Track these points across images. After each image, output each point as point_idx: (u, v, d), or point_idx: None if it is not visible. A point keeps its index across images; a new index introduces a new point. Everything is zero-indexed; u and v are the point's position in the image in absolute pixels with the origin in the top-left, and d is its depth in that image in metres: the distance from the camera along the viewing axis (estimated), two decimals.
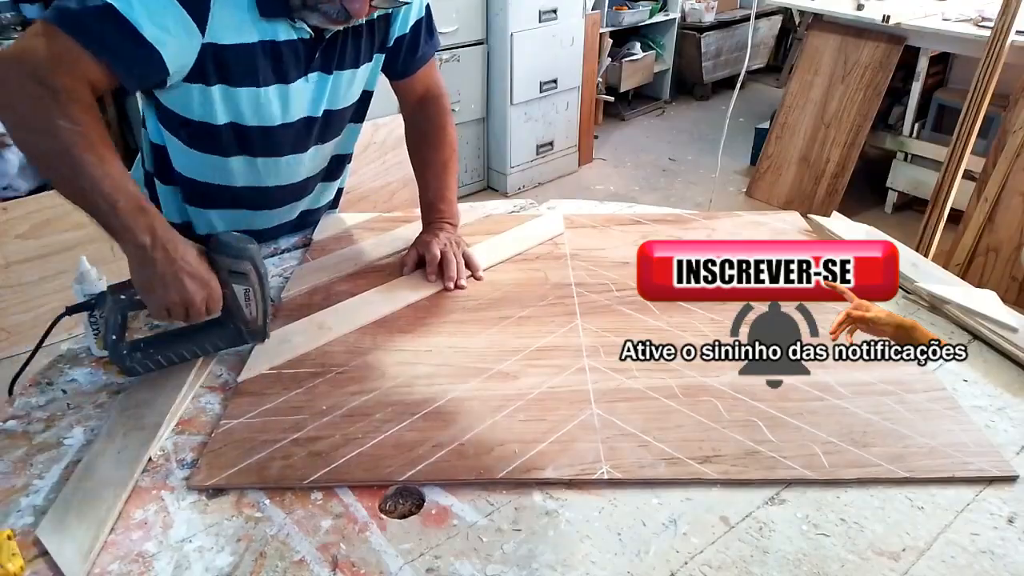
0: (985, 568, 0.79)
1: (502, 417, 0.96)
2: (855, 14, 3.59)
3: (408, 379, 1.04)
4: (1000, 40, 2.52)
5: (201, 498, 0.85)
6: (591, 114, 4.29)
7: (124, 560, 0.78)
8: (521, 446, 0.91)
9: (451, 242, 1.30)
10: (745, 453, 0.91)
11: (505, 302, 1.22)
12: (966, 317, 1.19)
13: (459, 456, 0.90)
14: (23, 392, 1.02)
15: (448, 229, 1.33)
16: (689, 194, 4.10)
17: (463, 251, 1.30)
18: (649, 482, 0.88)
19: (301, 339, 1.11)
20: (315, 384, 1.02)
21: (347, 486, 0.87)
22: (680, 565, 0.79)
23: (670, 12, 5.05)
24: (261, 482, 0.86)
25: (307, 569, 0.77)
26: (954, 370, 1.10)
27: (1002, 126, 3.07)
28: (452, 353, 1.09)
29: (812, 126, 3.78)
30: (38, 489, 0.86)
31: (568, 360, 1.08)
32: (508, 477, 0.87)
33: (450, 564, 0.78)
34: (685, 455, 0.91)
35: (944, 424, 0.97)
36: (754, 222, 1.52)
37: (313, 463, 0.88)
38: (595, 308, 1.21)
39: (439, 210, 1.34)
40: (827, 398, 1.01)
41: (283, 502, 0.85)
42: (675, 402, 1.00)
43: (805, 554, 0.80)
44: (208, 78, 1.11)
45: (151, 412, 0.97)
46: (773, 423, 0.96)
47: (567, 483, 0.87)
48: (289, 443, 0.91)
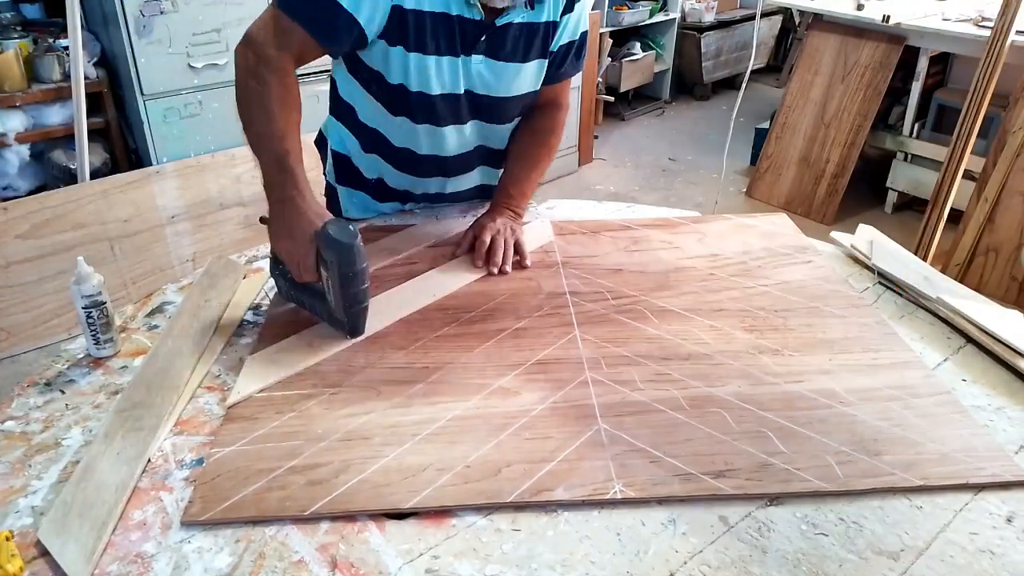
0: (984, 568, 0.79)
1: (507, 436, 0.94)
2: (855, 14, 3.59)
3: (405, 398, 1.00)
4: (1000, 40, 2.52)
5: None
6: (591, 114, 4.29)
7: (123, 561, 0.78)
8: (528, 466, 0.89)
9: (506, 227, 1.36)
10: (759, 466, 0.90)
11: (500, 313, 1.20)
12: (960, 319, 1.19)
13: (465, 479, 0.87)
14: (21, 392, 1.02)
15: (508, 215, 1.39)
16: (689, 194, 4.10)
17: (516, 237, 1.35)
18: (665, 500, 0.86)
19: (290, 358, 1.08)
20: (308, 407, 0.99)
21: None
22: (679, 565, 0.78)
23: (670, 12, 5.06)
24: (259, 515, 0.83)
25: (306, 569, 0.77)
26: (953, 370, 1.10)
27: (1002, 126, 3.07)
28: (450, 369, 1.06)
29: (812, 126, 3.78)
30: (36, 490, 0.86)
31: (570, 373, 1.06)
32: (518, 501, 0.84)
33: (449, 564, 0.78)
34: (698, 470, 0.89)
35: (952, 428, 0.96)
36: (744, 225, 1.51)
37: (312, 493, 0.85)
38: (592, 318, 1.19)
39: (509, 195, 1.41)
40: (835, 405, 1.00)
41: None
42: (683, 414, 0.98)
43: (804, 554, 0.80)
44: (391, 37, 1.19)
45: (149, 413, 0.97)
46: (783, 433, 0.95)
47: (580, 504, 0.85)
48: (286, 471, 0.88)
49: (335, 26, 1.15)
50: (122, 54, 2.69)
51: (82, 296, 1.05)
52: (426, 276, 1.30)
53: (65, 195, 2.56)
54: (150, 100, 2.74)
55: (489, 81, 1.30)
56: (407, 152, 1.38)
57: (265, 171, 1.11)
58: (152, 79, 2.71)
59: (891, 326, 1.18)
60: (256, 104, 1.13)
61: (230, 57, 1.23)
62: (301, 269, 1.10)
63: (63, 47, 2.76)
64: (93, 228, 2.63)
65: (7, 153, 2.76)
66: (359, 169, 1.47)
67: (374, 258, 1.35)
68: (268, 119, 1.12)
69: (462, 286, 1.27)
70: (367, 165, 1.45)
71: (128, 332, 1.16)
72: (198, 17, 2.71)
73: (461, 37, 1.23)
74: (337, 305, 1.09)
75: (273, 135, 1.11)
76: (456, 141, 1.37)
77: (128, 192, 2.68)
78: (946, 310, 1.21)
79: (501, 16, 1.23)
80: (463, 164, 1.45)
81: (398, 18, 1.17)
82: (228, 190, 2.90)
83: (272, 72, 1.13)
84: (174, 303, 1.23)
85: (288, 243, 1.09)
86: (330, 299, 1.10)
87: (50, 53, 2.76)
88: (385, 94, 1.28)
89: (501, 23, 1.23)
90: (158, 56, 2.70)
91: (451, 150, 1.38)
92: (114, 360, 1.09)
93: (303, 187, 1.10)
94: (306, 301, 1.16)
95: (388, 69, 1.24)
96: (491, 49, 1.26)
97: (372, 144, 1.40)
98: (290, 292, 1.17)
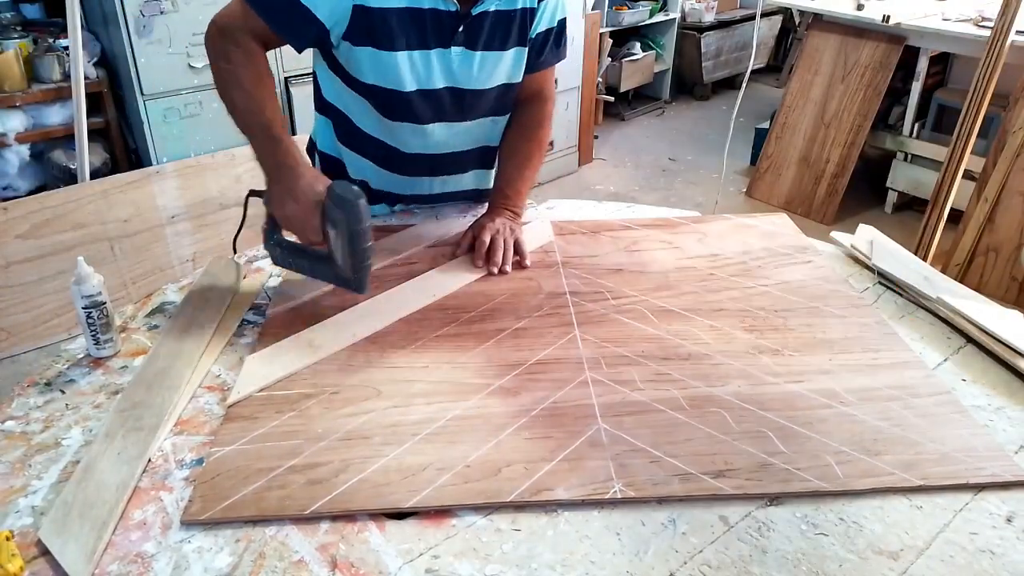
0: (984, 567, 0.79)
1: (507, 436, 0.94)
2: (855, 14, 3.60)
3: (405, 398, 1.00)
4: (1000, 40, 2.52)
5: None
6: (591, 114, 4.29)
7: (123, 560, 0.78)
8: (529, 466, 0.89)
9: (505, 227, 1.36)
10: (758, 466, 0.90)
11: (499, 313, 1.20)
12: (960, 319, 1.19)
13: (465, 479, 0.87)
14: (21, 392, 1.02)
15: (507, 215, 1.39)
16: (689, 194, 4.10)
17: (515, 237, 1.35)
18: (665, 499, 0.86)
19: (290, 358, 1.07)
20: (308, 406, 0.98)
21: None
22: (679, 565, 0.78)
23: (670, 12, 5.06)
24: (259, 514, 0.83)
25: (306, 569, 0.77)
26: (952, 370, 1.10)
27: (1002, 126, 3.07)
28: (450, 369, 1.06)
29: (812, 126, 3.78)
30: (36, 490, 0.86)
31: (569, 373, 1.06)
32: (518, 500, 0.84)
33: (449, 564, 0.78)
34: (698, 470, 0.89)
35: (952, 428, 0.96)
36: (744, 225, 1.51)
37: (313, 492, 0.85)
38: (592, 318, 1.19)
39: (505, 196, 1.41)
40: (834, 405, 1.00)
41: None
42: (682, 414, 0.98)
43: (804, 553, 0.80)
44: (355, 38, 1.20)
45: (149, 413, 0.97)
46: (783, 433, 0.95)
47: (579, 503, 0.86)
48: (286, 471, 0.88)
49: (294, 22, 1.18)
50: (122, 54, 2.70)
51: (82, 296, 1.05)
52: (426, 276, 1.30)
53: (65, 195, 2.56)
54: (150, 100, 2.75)
55: (469, 73, 1.29)
56: (392, 151, 1.38)
57: (255, 146, 1.16)
58: (152, 79, 2.72)
59: (891, 326, 1.18)
60: (231, 84, 1.17)
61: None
62: (307, 231, 1.13)
63: (63, 47, 2.76)
64: (93, 228, 2.63)
65: (7, 153, 2.77)
66: (345, 166, 1.45)
67: (374, 258, 1.35)
68: (245, 96, 1.16)
69: (462, 286, 1.27)
70: (352, 164, 1.44)
71: (128, 332, 1.16)
72: (198, 17, 2.72)
73: (436, 30, 1.23)
74: (345, 263, 1.13)
75: (252, 110, 1.15)
76: (442, 138, 1.37)
77: (128, 192, 2.69)
78: (946, 310, 1.21)
79: (476, 5, 1.23)
80: (454, 163, 1.45)
81: (361, 18, 1.18)
82: (228, 190, 2.90)
83: (239, 50, 1.17)
84: (174, 303, 1.23)
85: (292, 207, 1.12)
86: (337, 258, 1.13)
87: (50, 53, 2.76)
88: (363, 93, 1.29)
89: (477, 11, 1.23)
90: (158, 56, 2.70)
91: (438, 148, 1.38)
92: (114, 360, 1.09)
93: (295, 152, 1.14)
94: (306, 266, 1.19)
95: (359, 69, 1.25)
96: (469, 40, 1.26)
97: (356, 143, 1.40)
98: (288, 259, 1.21)
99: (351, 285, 1.15)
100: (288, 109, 3.04)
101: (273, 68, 2.95)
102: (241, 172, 2.92)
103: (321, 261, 1.16)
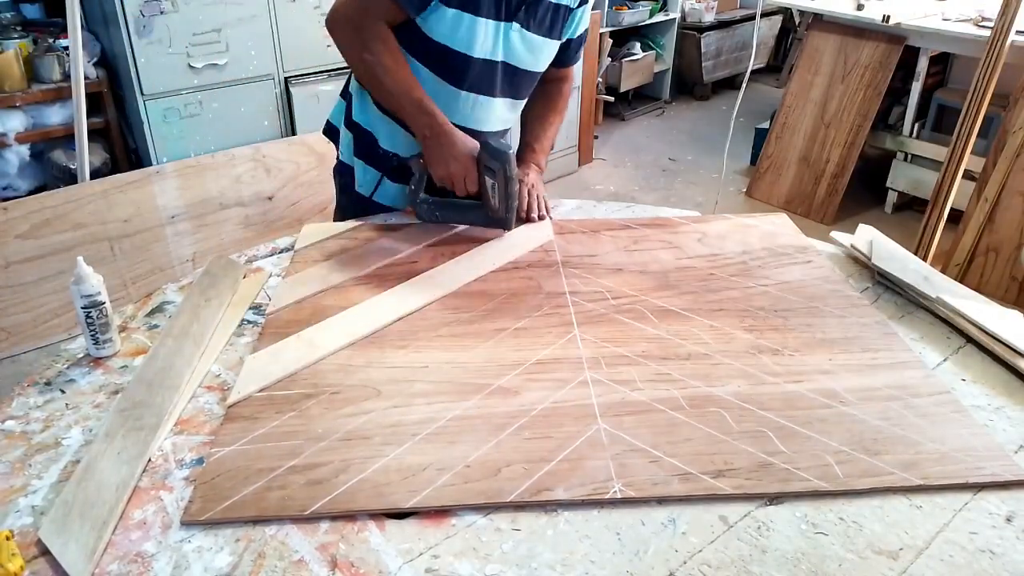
0: (984, 567, 0.79)
1: (507, 436, 0.94)
2: (855, 14, 3.59)
3: (405, 398, 1.00)
4: (1000, 40, 2.52)
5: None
6: (591, 114, 4.28)
7: (123, 560, 0.78)
8: (529, 466, 0.89)
9: (533, 184, 1.51)
10: (758, 465, 0.90)
11: (499, 313, 1.20)
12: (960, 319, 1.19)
13: (465, 479, 0.87)
14: (21, 392, 1.02)
15: (535, 170, 1.54)
16: (689, 194, 4.10)
17: (539, 191, 1.51)
18: (664, 499, 0.86)
19: (291, 357, 1.08)
20: (308, 406, 0.98)
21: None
22: (679, 564, 0.79)
23: (670, 12, 5.06)
24: (259, 514, 0.83)
25: (306, 569, 0.77)
26: (952, 370, 1.10)
27: (1002, 126, 3.07)
28: (450, 369, 1.06)
29: (812, 126, 3.78)
30: (36, 489, 0.86)
31: (569, 373, 1.06)
32: (518, 500, 0.85)
33: (449, 564, 0.78)
34: (698, 470, 0.89)
35: (952, 428, 0.96)
36: (744, 225, 1.51)
37: (313, 492, 0.85)
38: (592, 318, 1.19)
39: (532, 150, 1.57)
40: (834, 405, 1.00)
41: None
42: (682, 414, 0.98)
43: (804, 553, 0.80)
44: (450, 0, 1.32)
45: (149, 412, 0.97)
46: (783, 433, 0.95)
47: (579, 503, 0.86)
48: (286, 471, 0.88)
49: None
50: (122, 54, 2.69)
51: (82, 296, 1.05)
52: (426, 276, 1.30)
53: (65, 195, 2.56)
54: (150, 100, 2.74)
55: (522, 53, 1.41)
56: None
57: (410, 120, 1.36)
58: (152, 79, 2.71)
59: (891, 326, 1.18)
60: (380, 72, 1.34)
61: (230, 57, 1.24)
62: (467, 183, 1.37)
63: (63, 47, 2.76)
64: (93, 228, 2.62)
65: (7, 153, 2.76)
66: (377, 139, 1.50)
67: (374, 258, 1.36)
68: (395, 80, 1.34)
69: (462, 286, 1.27)
70: (386, 135, 1.49)
71: (128, 332, 1.16)
72: (198, 17, 2.72)
73: (506, 2, 1.35)
74: (500, 205, 1.37)
75: (404, 92, 1.34)
76: (484, 113, 1.45)
77: (128, 192, 2.68)
78: (946, 310, 1.21)
79: None
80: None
81: None
82: (228, 190, 2.90)
83: (377, 40, 1.32)
84: (174, 303, 1.23)
85: (453, 164, 1.35)
86: (493, 202, 1.37)
87: (50, 53, 2.76)
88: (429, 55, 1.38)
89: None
90: (158, 56, 2.70)
91: (477, 123, 1.46)
92: (114, 360, 1.09)
93: (446, 121, 1.34)
94: (453, 215, 1.45)
95: (436, 30, 1.34)
96: (527, 20, 1.38)
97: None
98: (435, 213, 1.45)
99: (503, 224, 1.40)
100: (288, 109, 3.05)
101: (273, 68, 2.96)
102: (241, 172, 2.92)
103: (470, 209, 1.42)
